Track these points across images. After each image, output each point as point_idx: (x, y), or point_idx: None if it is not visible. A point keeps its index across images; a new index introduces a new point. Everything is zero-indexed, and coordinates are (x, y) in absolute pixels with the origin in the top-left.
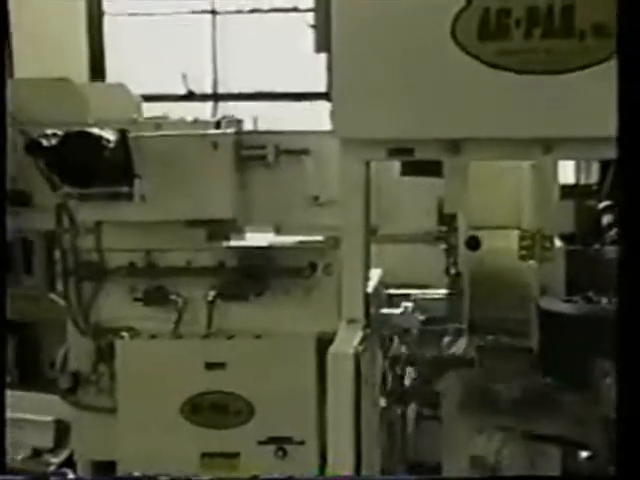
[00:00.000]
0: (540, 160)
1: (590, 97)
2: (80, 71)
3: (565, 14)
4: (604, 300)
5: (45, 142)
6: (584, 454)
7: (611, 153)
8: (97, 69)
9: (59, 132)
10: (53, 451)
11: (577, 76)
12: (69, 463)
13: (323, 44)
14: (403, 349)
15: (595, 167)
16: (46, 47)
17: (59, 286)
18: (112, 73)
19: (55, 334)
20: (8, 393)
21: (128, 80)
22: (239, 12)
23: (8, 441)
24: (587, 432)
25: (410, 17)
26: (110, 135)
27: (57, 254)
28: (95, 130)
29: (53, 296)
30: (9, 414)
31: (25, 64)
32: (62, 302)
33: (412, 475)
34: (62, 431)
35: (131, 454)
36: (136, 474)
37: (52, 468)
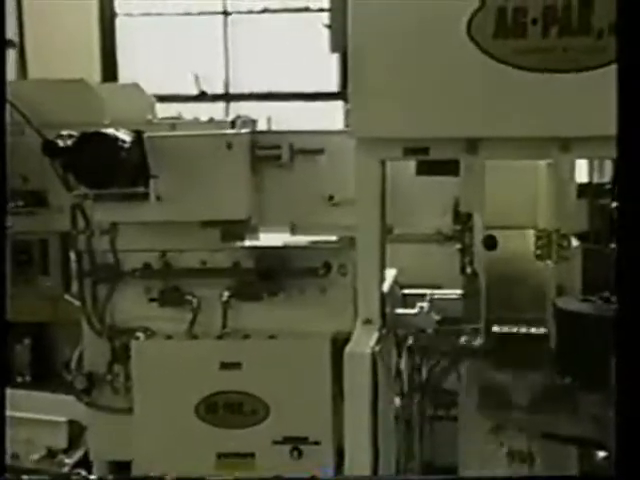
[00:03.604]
0: (557, 159)
1: (607, 95)
2: (93, 72)
3: (582, 12)
4: None
5: (61, 143)
6: (602, 454)
7: None
8: (109, 70)
9: (75, 133)
10: (67, 451)
11: (594, 74)
12: (83, 463)
13: (339, 44)
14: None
15: (608, 166)
16: (58, 48)
17: (74, 287)
18: (124, 74)
19: (70, 335)
20: (23, 393)
21: (140, 81)
22: (250, 12)
23: (22, 440)
24: (605, 432)
25: (426, 16)
26: (126, 136)
27: (72, 255)
28: (111, 131)
29: (68, 297)
30: (24, 414)
31: (38, 65)
32: (77, 303)
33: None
34: (76, 431)
35: (146, 454)
36: (152, 474)
37: (66, 468)
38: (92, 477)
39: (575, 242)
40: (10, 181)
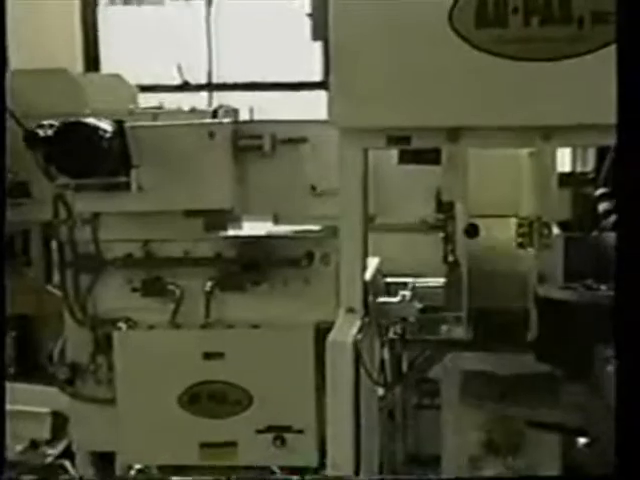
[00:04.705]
0: (539, 148)
1: (589, 84)
2: (75, 62)
3: (563, 1)
4: (603, 287)
5: (42, 133)
6: (582, 441)
7: (610, 140)
8: (91, 60)
9: (56, 123)
10: (50, 442)
11: (576, 63)
12: (66, 454)
13: (320, 32)
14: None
15: (591, 155)
16: (40, 38)
17: (56, 278)
18: (106, 64)
19: (53, 326)
20: (6, 385)
21: (122, 71)
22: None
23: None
24: (587, 419)
25: (408, 5)
26: (107, 125)
27: (54, 245)
28: (92, 120)
29: (50, 288)
30: (7, 406)
31: (19, 55)
32: (59, 293)
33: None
34: (59, 423)
35: (129, 444)
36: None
37: (50, 459)
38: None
39: (556, 230)
40: None
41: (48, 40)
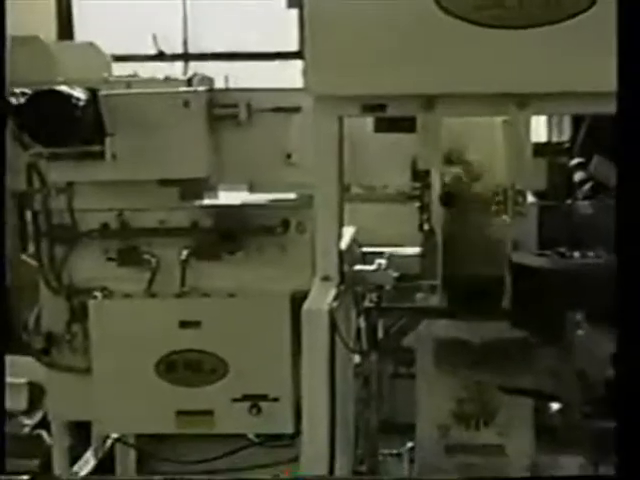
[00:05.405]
0: (514, 115)
1: (564, 52)
2: (48, 30)
3: None
4: (576, 254)
5: (14, 101)
6: (555, 406)
7: (584, 108)
8: (65, 28)
9: (28, 91)
10: (27, 413)
11: (551, 30)
12: (43, 424)
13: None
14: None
15: (567, 125)
16: (13, 5)
17: (31, 248)
18: (80, 32)
19: (28, 296)
20: None
21: (97, 40)
22: None
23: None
24: (560, 384)
25: None
26: (80, 94)
27: (29, 215)
28: (65, 88)
29: (25, 257)
30: None
31: None
32: (34, 263)
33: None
34: (36, 393)
35: (106, 414)
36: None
37: (26, 430)
38: None
39: (531, 198)
40: None
41: (21, 7)
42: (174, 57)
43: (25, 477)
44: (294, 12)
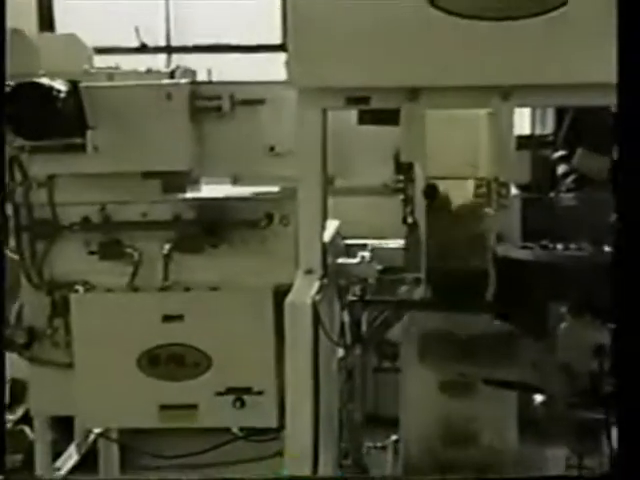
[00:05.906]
0: (497, 107)
1: (547, 43)
2: (28, 21)
3: None
4: (559, 247)
5: None
6: (539, 399)
7: (568, 100)
8: (46, 19)
9: (10, 83)
10: (10, 408)
11: (535, 22)
12: (26, 420)
13: None
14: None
15: (550, 118)
16: None
17: (12, 241)
18: (61, 24)
19: (9, 290)
20: None
21: (78, 32)
22: None
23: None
24: (544, 377)
25: None
26: (61, 86)
27: (10, 209)
28: (45, 80)
29: (6, 251)
30: None
31: None
32: (15, 257)
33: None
34: (18, 388)
35: (89, 408)
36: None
37: (9, 425)
38: None
39: (514, 191)
40: None
41: None
42: (157, 50)
43: None
44: (278, 4)
